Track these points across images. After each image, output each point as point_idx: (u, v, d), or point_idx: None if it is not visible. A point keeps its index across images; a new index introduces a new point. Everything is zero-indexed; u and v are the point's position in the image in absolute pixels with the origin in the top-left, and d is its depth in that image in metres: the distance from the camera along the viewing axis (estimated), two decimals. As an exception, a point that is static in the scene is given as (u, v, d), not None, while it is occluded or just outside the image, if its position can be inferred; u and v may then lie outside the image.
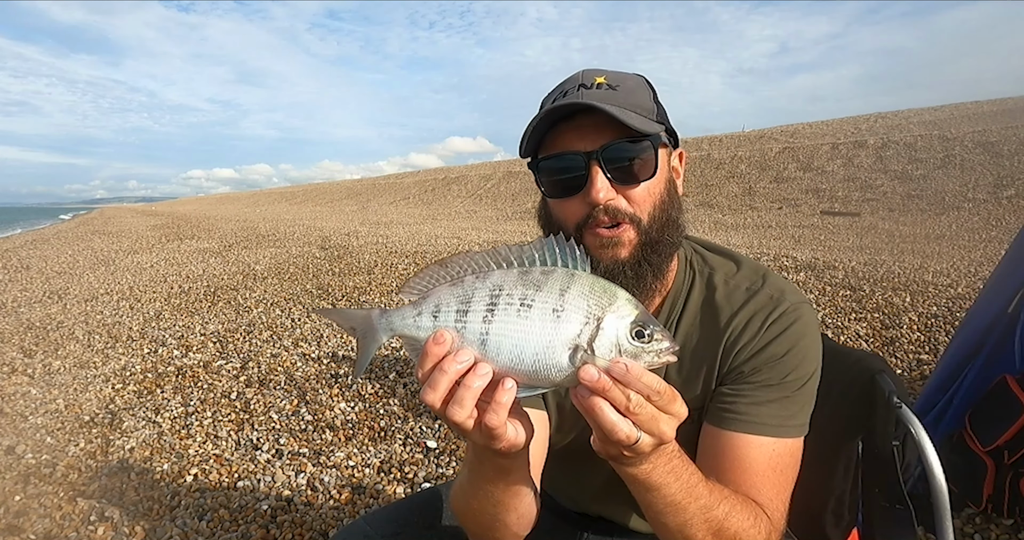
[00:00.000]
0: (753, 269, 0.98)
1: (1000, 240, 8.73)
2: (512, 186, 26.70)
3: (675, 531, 0.74)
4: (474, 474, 0.79)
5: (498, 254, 0.64)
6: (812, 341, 0.92)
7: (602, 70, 0.91)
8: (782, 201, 15.92)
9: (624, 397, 0.58)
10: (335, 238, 12.09)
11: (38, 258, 11.24)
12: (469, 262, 0.65)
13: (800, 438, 0.91)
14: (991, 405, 1.96)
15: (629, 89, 0.89)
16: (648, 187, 0.87)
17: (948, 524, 1.02)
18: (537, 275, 0.62)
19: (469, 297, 0.63)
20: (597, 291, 0.61)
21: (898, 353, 3.56)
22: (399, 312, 0.66)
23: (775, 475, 0.87)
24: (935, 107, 25.56)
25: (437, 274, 0.66)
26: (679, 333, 0.96)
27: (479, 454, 0.73)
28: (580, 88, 0.87)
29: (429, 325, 0.64)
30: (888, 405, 1.04)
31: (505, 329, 0.60)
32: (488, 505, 0.80)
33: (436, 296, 0.65)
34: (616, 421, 0.58)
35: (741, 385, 0.90)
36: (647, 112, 0.87)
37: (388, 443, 2.83)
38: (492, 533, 0.85)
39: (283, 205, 44.19)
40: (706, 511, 0.73)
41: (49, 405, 3.42)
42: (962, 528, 1.98)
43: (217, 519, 2.23)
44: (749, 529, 0.77)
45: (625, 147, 0.84)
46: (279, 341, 4.53)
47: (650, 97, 0.91)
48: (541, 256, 0.63)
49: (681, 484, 0.71)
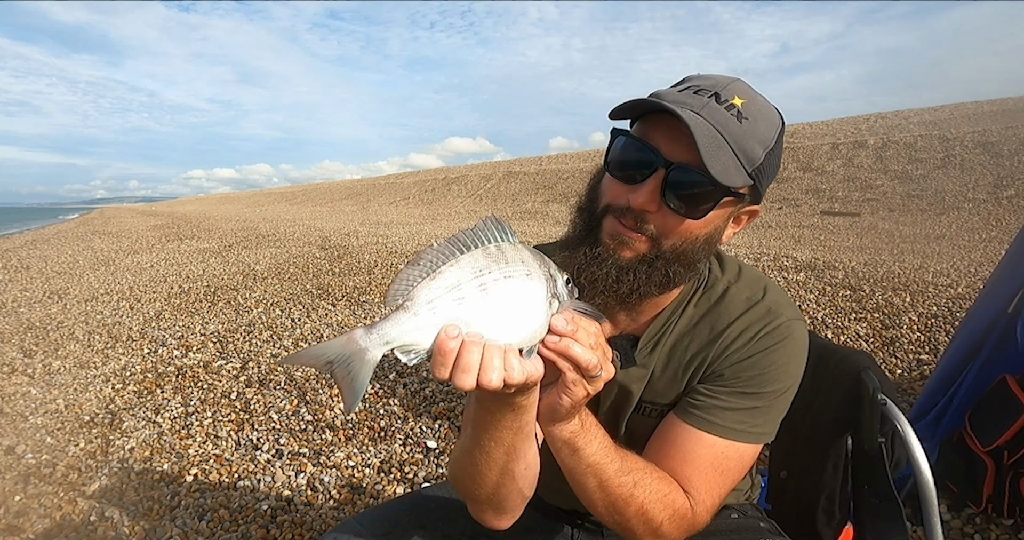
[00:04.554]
0: (755, 279, 0.98)
1: (1000, 240, 8.73)
2: (512, 186, 26.70)
3: (592, 491, 0.82)
4: (484, 423, 0.78)
5: (458, 241, 0.67)
6: (798, 358, 0.93)
7: (749, 91, 0.85)
8: (782, 201, 15.92)
9: (588, 335, 0.69)
10: (335, 238, 12.08)
11: (38, 258, 11.24)
12: (436, 255, 0.66)
13: (758, 445, 0.92)
14: (991, 405, 1.96)
15: (752, 130, 0.82)
16: (688, 225, 0.84)
17: (936, 519, 1.03)
18: (495, 251, 0.67)
19: (458, 283, 0.64)
20: (536, 254, 0.71)
21: (898, 353, 3.56)
22: (391, 321, 0.63)
23: (714, 472, 0.88)
24: (935, 107, 25.53)
25: (412, 274, 0.65)
26: (674, 334, 0.96)
27: (496, 398, 0.73)
28: (713, 97, 0.82)
29: (431, 322, 0.63)
30: (873, 402, 1.05)
31: (503, 302, 0.66)
32: (498, 453, 0.79)
33: (424, 292, 0.64)
34: (586, 354, 0.68)
35: (717, 387, 0.91)
36: (747, 161, 0.82)
37: (388, 443, 2.83)
38: (499, 491, 0.84)
39: (283, 205, 44.18)
40: (620, 474, 0.81)
41: (49, 405, 3.42)
42: (962, 528, 1.98)
43: (217, 519, 2.23)
44: (656, 503, 0.82)
45: (694, 177, 0.80)
46: (279, 341, 4.53)
47: (764, 147, 0.84)
48: (486, 236, 0.68)
49: (599, 444, 0.80)
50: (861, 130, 22.46)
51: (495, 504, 0.87)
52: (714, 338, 0.93)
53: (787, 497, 1.22)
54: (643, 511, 0.82)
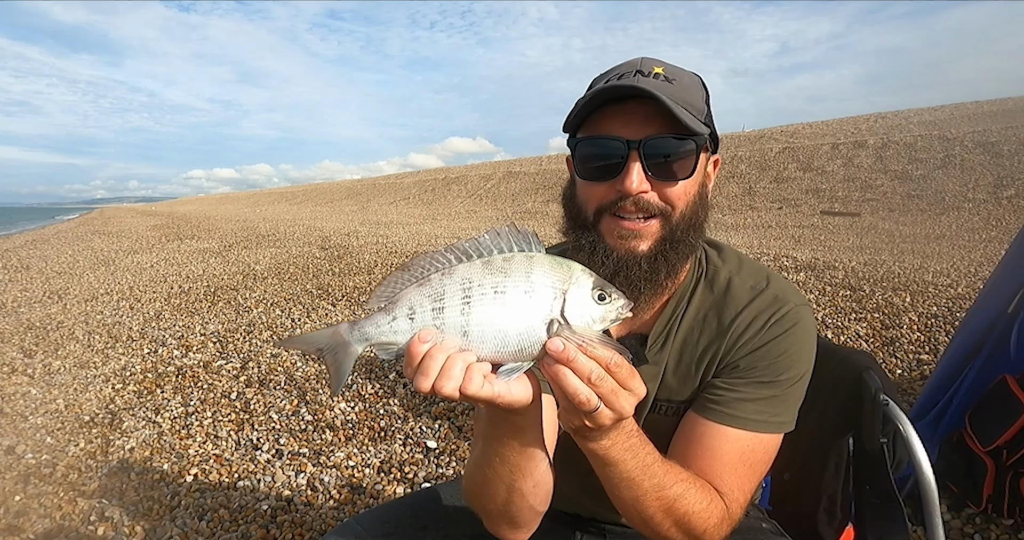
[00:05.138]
0: (756, 269, 0.99)
1: (1000, 240, 8.73)
2: (512, 186, 26.69)
3: (629, 504, 0.78)
4: (489, 439, 0.79)
5: (457, 249, 0.66)
6: (808, 343, 0.94)
7: (661, 61, 0.90)
8: (782, 201, 15.92)
9: (587, 368, 0.63)
10: (335, 238, 12.08)
11: (38, 258, 11.24)
12: (431, 262, 0.66)
13: (779, 435, 0.92)
14: (991, 405, 1.96)
15: (684, 85, 0.88)
16: (684, 186, 0.87)
17: (937, 519, 1.03)
18: (500, 263, 0.65)
19: (441, 294, 0.65)
20: (556, 268, 0.66)
21: (898, 353, 3.56)
22: (371, 321, 0.67)
23: (743, 467, 0.88)
24: (935, 107, 25.54)
25: (401, 279, 0.67)
26: (682, 328, 0.96)
27: (491, 414, 0.75)
28: (636, 74, 0.86)
29: (407, 327, 0.66)
30: (875, 402, 1.05)
31: (485, 317, 0.64)
32: (504, 471, 0.80)
33: (407, 298, 0.66)
34: (577, 386, 0.63)
35: (734, 380, 0.91)
36: (698, 112, 0.87)
37: (388, 443, 2.83)
38: (509, 507, 0.84)
39: (283, 205, 44.17)
40: (659, 489, 0.77)
41: (49, 405, 3.42)
42: (962, 528, 1.98)
43: (217, 519, 2.23)
44: (700, 512, 0.80)
45: (669, 143, 0.84)
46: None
47: (702, 98, 0.90)
48: (497, 245, 0.66)
49: (637, 462, 0.75)
50: (861, 130, 22.47)
51: (508, 519, 0.87)
52: (724, 330, 0.93)
53: (789, 498, 1.22)
54: (685, 523, 0.80)
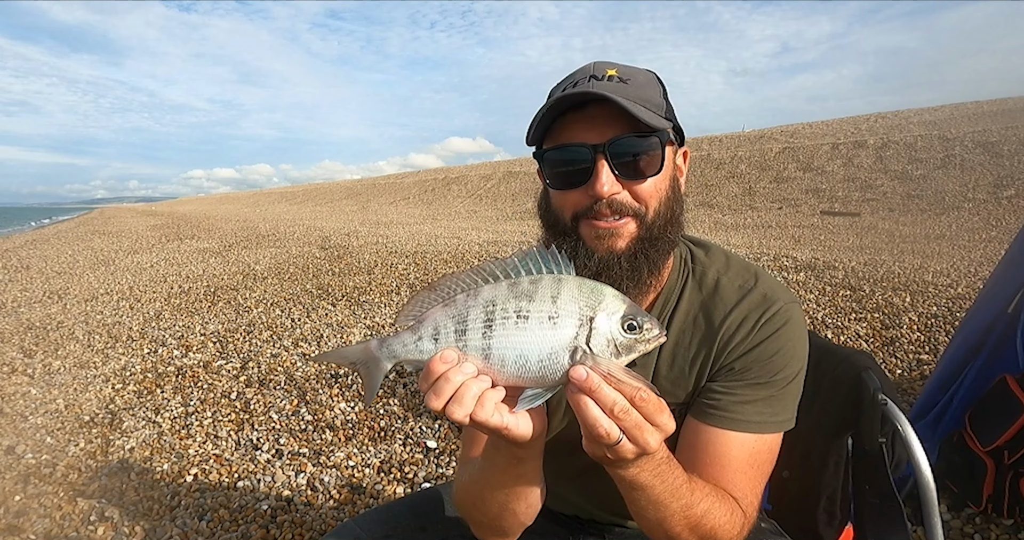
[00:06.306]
0: (744, 267, 0.99)
1: (1000, 240, 8.73)
2: (512, 186, 26.69)
3: (654, 524, 0.78)
4: (488, 463, 0.81)
5: (483, 270, 0.67)
6: (801, 341, 0.94)
7: (613, 63, 0.91)
8: (782, 201, 15.92)
9: (610, 399, 0.61)
10: (335, 238, 12.08)
11: (38, 258, 11.24)
12: (457, 282, 0.67)
13: (780, 433, 0.93)
14: (991, 405, 1.96)
15: (640, 84, 0.88)
16: (654, 183, 0.88)
17: (936, 519, 1.03)
18: (526, 285, 0.64)
19: (465, 316, 0.65)
20: (585, 292, 0.64)
21: (898, 353, 3.56)
22: (398, 339, 0.69)
23: (752, 470, 0.89)
24: (935, 107, 25.53)
25: (428, 298, 0.68)
26: (671, 330, 0.97)
27: (495, 443, 0.76)
28: (591, 79, 0.87)
29: (431, 348, 0.67)
30: (874, 402, 1.05)
31: (506, 341, 0.64)
32: (500, 494, 0.82)
33: (432, 319, 0.67)
34: (598, 417, 0.62)
35: (731, 382, 0.91)
36: (656, 108, 0.88)
37: (388, 443, 2.83)
38: (499, 522, 0.87)
39: (283, 205, 44.17)
40: (687, 509, 0.77)
41: (49, 405, 3.42)
42: (962, 528, 1.97)
43: (217, 519, 2.23)
44: (725, 525, 0.81)
45: (633, 142, 0.85)
46: (279, 341, 4.53)
47: (660, 93, 0.91)
48: (526, 266, 0.65)
49: (666, 486, 0.74)
50: (861, 130, 22.46)
51: (496, 530, 0.90)
52: (714, 331, 0.93)
53: (788, 497, 1.22)
54: (711, 537, 0.80)
